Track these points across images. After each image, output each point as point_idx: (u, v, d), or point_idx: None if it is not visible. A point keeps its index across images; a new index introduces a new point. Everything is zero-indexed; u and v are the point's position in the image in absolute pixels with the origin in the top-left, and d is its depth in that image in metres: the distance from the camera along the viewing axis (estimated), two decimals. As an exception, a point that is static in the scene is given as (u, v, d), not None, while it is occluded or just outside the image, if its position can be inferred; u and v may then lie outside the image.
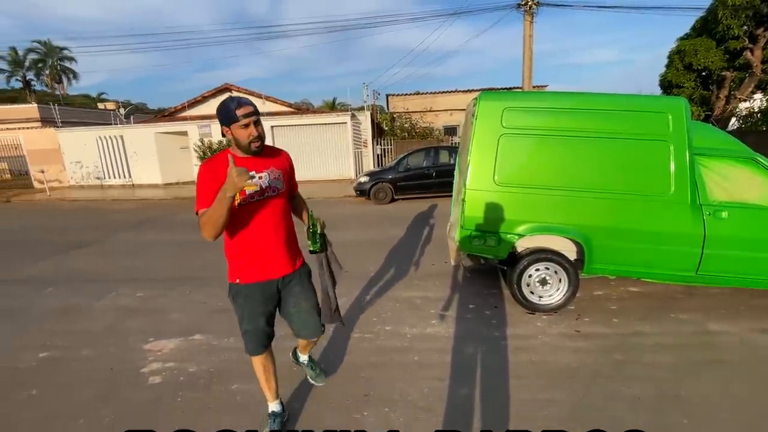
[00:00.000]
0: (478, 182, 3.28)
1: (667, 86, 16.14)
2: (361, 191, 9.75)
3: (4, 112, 18.05)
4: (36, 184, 14.10)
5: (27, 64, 33.99)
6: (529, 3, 10.11)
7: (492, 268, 4.30)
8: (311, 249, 2.04)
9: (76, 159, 14.18)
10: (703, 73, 14.49)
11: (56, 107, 17.08)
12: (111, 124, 15.66)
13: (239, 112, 1.63)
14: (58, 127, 14.61)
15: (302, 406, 2.29)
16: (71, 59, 34.64)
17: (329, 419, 2.18)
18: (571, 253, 3.37)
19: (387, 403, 2.29)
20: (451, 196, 9.96)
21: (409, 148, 12.43)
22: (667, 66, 16.55)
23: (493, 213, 3.28)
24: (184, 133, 14.33)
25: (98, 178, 14.42)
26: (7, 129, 14.82)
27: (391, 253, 5.24)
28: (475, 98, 3.49)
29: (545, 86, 15.84)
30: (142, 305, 3.82)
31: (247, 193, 1.71)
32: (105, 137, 14.30)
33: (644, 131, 3.05)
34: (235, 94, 17.55)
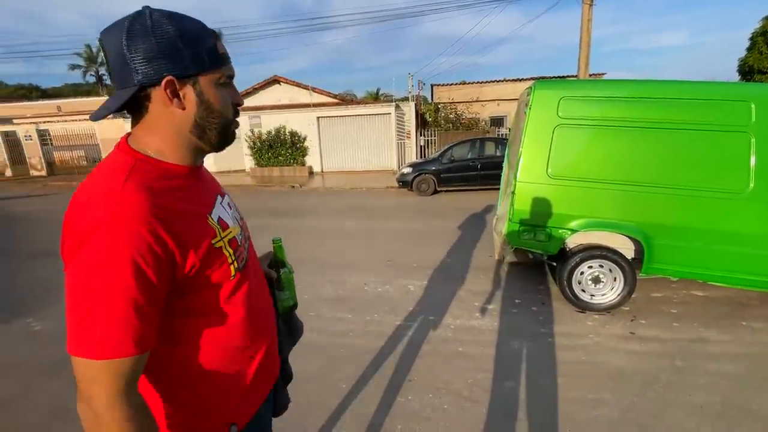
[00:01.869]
0: (530, 175, 3.18)
1: (748, 72, 14.62)
2: (404, 182, 9.75)
3: (80, 104, 19.95)
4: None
5: (99, 60, 37.19)
6: (589, -16, 9.46)
7: (538, 263, 4.17)
8: (288, 305, 1.07)
9: (141, 147, 15.43)
10: (792, 57, 12.97)
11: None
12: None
13: (220, 47, 0.74)
14: (126, 118, 15.91)
15: (348, 386, 2.38)
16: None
17: (375, 400, 2.25)
18: (628, 250, 3.19)
19: (430, 390, 2.33)
20: (496, 189, 9.72)
21: (454, 139, 12.22)
22: (749, 49, 14.95)
23: (545, 207, 3.18)
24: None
25: (160, 166, 15.61)
26: (83, 120, 16.38)
27: (433, 245, 5.23)
28: (529, 87, 3.36)
29: (603, 74, 14.82)
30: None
31: (238, 242, 0.81)
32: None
33: (721, 121, 2.79)
34: (284, 86, 18.18)
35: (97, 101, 19.52)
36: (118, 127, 15.31)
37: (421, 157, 13.44)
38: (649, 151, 2.93)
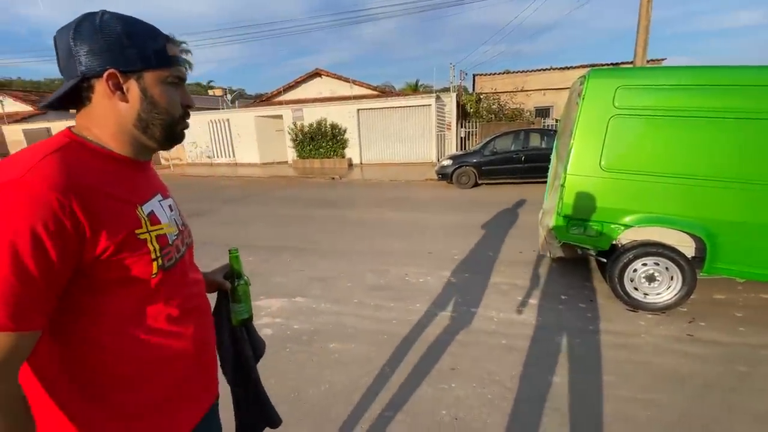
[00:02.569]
0: (581, 167, 3.07)
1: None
2: (443, 175, 9.65)
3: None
4: (162, 161, 16.62)
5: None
6: (650, -37, 8.77)
7: (583, 259, 4.03)
8: (242, 318, 1.04)
9: (192, 140, 16.33)
10: None
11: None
12: (219, 109, 17.61)
13: (170, 49, 0.76)
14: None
15: (392, 371, 2.46)
16: (188, 52, 39.35)
17: (419, 386, 2.31)
18: (687, 248, 3.01)
19: (474, 380, 2.35)
20: (540, 182, 9.40)
21: (496, 131, 11.90)
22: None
23: (597, 200, 3.06)
24: (279, 117, 15.54)
25: (209, 157, 16.46)
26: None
27: (475, 238, 5.19)
28: (582, 76, 3.23)
29: (662, 60, 13.76)
30: (253, 268, 4.36)
31: (169, 241, 0.77)
32: (215, 120, 16.18)
33: (804, 110, 2.54)
34: (325, 79, 18.49)
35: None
36: (173, 120, 16.30)
37: (461, 150, 13.22)
38: (715, 142, 2.73)
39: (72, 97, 0.72)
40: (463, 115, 14.45)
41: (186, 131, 0.83)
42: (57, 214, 0.58)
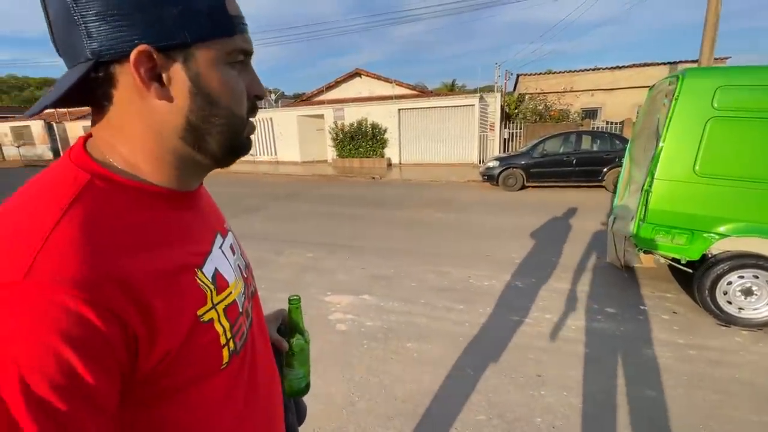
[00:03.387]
0: (672, 171, 2.91)
1: None
2: (489, 176, 9.47)
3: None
4: (209, 158, 17.38)
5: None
6: (722, -45, 8.22)
7: (656, 269, 3.82)
8: (299, 387, 0.77)
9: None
10: None
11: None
12: (262, 108, 18.18)
13: (231, 5, 0.46)
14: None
15: (476, 373, 2.43)
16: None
17: (507, 390, 2.27)
18: (792, 262, 2.79)
19: (563, 388, 2.28)
20: (592, 186, 9.05)
21: (541, 132, 11.55)
22: None
23: (688, 207, 2.89)
24: (321, 116, 15.82)
25: (252, 154, 17.04)
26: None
27: (531, 242, 5.05)
28: (673, 76, 3.06)
29: (726, 58, 12.85)
30: (313, 264, 4.45)
31: (239, 308, 0.54)
32: (258, 119, 16.72)
33: None
34: (364, 78, 18.64)
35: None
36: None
37: (504, 151, 12.95)
38: (836, 147, 2.51)
39: (83, 93, 0.44)
40: (505, 116, 14.13)
41: (251, 134, 0.53)
42: (94, 330, 0.36)
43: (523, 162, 9.13)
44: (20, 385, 0.33)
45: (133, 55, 0.40)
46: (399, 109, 14.29)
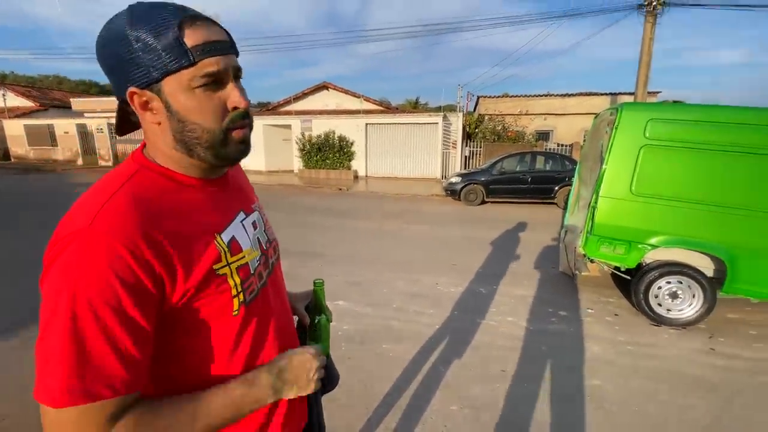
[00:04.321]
0: (613, 190, 3.35)
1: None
2: (452, 191, 9.95)
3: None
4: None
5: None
6: (653, 3, 9.41)
7: (599, 276, 4.29)
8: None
9: (199, 144, 16.47)
10: None
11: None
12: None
13: (190, 37, 0.56)
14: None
15: (447, 370, 2.64)
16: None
17: (471, 385, 2.50)
18: (708, 269, 3.29)
19: (524, 380, 2.55)
20: (545, 203, 9.73)
21: (499, 151, 12.31)
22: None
23: (626, 222, 3.34)
24: (288, 127, 15.79)
25: (214, 162, 16.58)
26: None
27: (492, 252, 5.43)
28: (613, 108, 3.55)
29: (658, 92, 14.50)
30: (287, 272, 4.44)
31: (251, 270, 0.69)
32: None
33: (815, 150, 2.88)
34: (332, 92, 18.89)
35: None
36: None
37: (465, 168, 13.61)
38: (739, 174, 3.04)
39: (127, 120, 0.67)
40: (467, 134, 14.89)
41: (249, 139, 0.66)
42: (131, 267, 0.51)
43: (483, 179, 9.69)
44: (91, 307, 0.49)
45: (127, 95, 0.58)
46: (366, 124, 14.62)
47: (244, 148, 0.65)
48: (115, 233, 0.52)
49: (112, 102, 22.44)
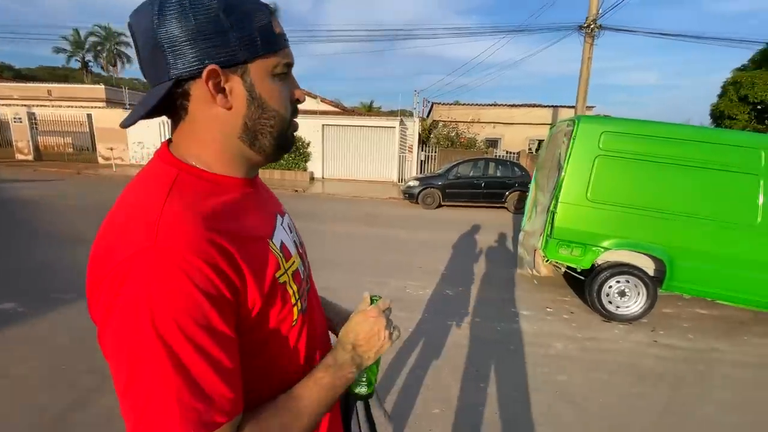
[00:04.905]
0: (571, 196, 3.60)
1: (719, 116, 15.90)
2: (410, 195, 10.11)
3: (73, 90, 19.42)
4: (101, 160, 15.12)
5: (87, 46, 36.23)
6: (591, 26, 10.31)
7: (555, 277, 4.59)
8: (365, 392, 0.71)
9: (138, 139, 15.14)
10: (759, 107, 14.26)
11: (126, 90, 18.33)
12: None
13: (276, 24, 0.57)
14: (126, 108, 15.69)
15: (425, 373, 2.66)
16: (127, 44, 36.63)
17: (450, 386, 2.54)
18: (650, 269, 3.65)
19: (496, 378, 2.64)
20: (497, 207, 10.17)
21: (454, 157, 12.74)
22: (720, 96, 16.29)
23: (582, 226, 3.60)
24: (239, 124, 15.10)
25: (156, 159, 15.36)
26: (73, 106, 16.00)
27: (454, 254, 5.59)
28: (571, 119, 3.82)
29: (592, 107, 15.89)
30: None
31: (301, 275, 0.66)
32: (167, 121, 15.17)
33: (737, 164, 3.31)
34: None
35: (92, 89, 19.08)
36: (118, 116, 15.03)
37: (420, 172, 13.90)
38: (678, 184, 3.41)
39: (165, 106, 0.55)
40: (421, 140, 15.24)
41: (294, 131, 0.64)
42: (211, 279, 0.46)
43: (439, 183, 9.96)
44: (182, 331, 0.43)
45: (205, 73, 0.51)
46: (323, 125, 14.40)
47: (294, 142, 0.65)
48: (188, 245, 0.46)
49: (33, 89, 20.01)
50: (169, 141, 0.59)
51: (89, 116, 15.48)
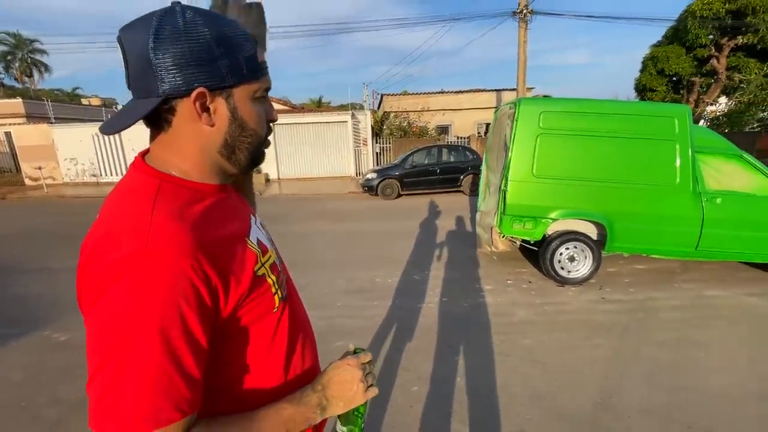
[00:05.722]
0: (519, 174, 3.86)
1: (642, 90, 17.34)
2: (369, 187, 10.21)
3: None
4: (28, 182, 13.75)
5: (-4, 56, 32.47)
6: (524, 11, 10.84)
7: (512, 251, 4.91)
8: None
9: (70, 156, 13.92)
10: (674, 78, 15.71)
11: (50, 103, 16.68)
12: (102, 120, 15.43)
13: (260, 54, 0.65)
14: (51, 123, 14.33)
15: (401, 356, 2.79)
16: (43, 52, 33.28)
17: (425, 365, 2.69)
18: (593, 234, 4.01)
19: (468, 350, 2.83)
20: (454, 191, 10.51)
21: (408, 146, 12.97)
22: (642, 71, 17.74)
23: (532, 201, 3.88)
24: (182, 130, 14.33)
25: (94, 175, 14.22)
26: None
27: (416, 241, 5.77)
28: (512, 103, 4.07)
29: (532, 88, 16.75)
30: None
31: (278, 267, 0.72)
32: (99, 134, 14.13)
33: (656, 133, 3.71)
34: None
35: (7, 104, 17.19)
36: (42, 132, 13.73)
37: (377, 164, 14.02)
38: (608, 154, 3.77)
39: (148, 118, 0.59)
40: (375, 132, 15.32)
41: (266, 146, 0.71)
42: (195, 286, 0.51)
43: (397, 173, 10.14)
44: (159, 329, 0.48)
45: (194, 95, 0.56)
46: (274, 125, 14.04)
47: (264, 155, 0.71)
48: (176, 251, 0.50)
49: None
50: (143, 154, 0.63)
51: (8, 134, 14.02)
